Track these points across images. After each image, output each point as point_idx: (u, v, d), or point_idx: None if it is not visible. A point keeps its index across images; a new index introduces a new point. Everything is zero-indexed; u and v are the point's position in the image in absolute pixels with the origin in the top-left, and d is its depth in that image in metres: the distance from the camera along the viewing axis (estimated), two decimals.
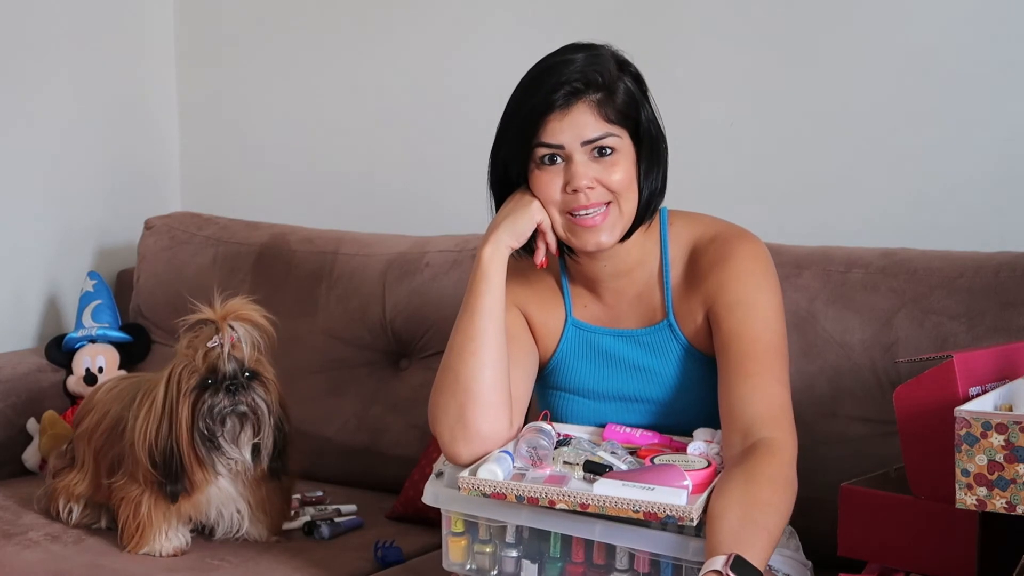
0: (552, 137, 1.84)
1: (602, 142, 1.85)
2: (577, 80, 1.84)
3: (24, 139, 3.13)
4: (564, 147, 1.84)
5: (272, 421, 2.28)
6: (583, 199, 1.84)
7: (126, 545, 2.33)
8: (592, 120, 1.84)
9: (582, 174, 1.84)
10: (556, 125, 1.84)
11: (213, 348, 2.25)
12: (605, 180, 1.85)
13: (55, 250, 3.21)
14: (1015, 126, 2.44)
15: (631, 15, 2.76)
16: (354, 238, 2.90)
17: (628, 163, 1.87)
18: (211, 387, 2.25)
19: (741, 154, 2.70)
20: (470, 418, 1.87)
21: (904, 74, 2.53)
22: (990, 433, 1.63)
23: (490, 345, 1.89)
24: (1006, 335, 2.13)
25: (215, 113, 3.41)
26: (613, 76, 1.86)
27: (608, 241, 1.87)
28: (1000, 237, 2.39)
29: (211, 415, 2.24)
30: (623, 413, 1.98)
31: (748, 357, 1.85)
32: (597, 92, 1.85)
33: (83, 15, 3.23)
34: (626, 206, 1.87)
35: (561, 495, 1.73)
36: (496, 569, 1.84)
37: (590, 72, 1.85)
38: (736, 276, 1.89)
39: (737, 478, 1.72)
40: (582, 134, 1.84)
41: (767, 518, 1.68)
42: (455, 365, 1.90)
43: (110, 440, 2.39)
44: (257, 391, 2.27)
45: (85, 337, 2.94)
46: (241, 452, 2.28)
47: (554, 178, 1.86)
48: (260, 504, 2.35)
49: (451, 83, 3.04)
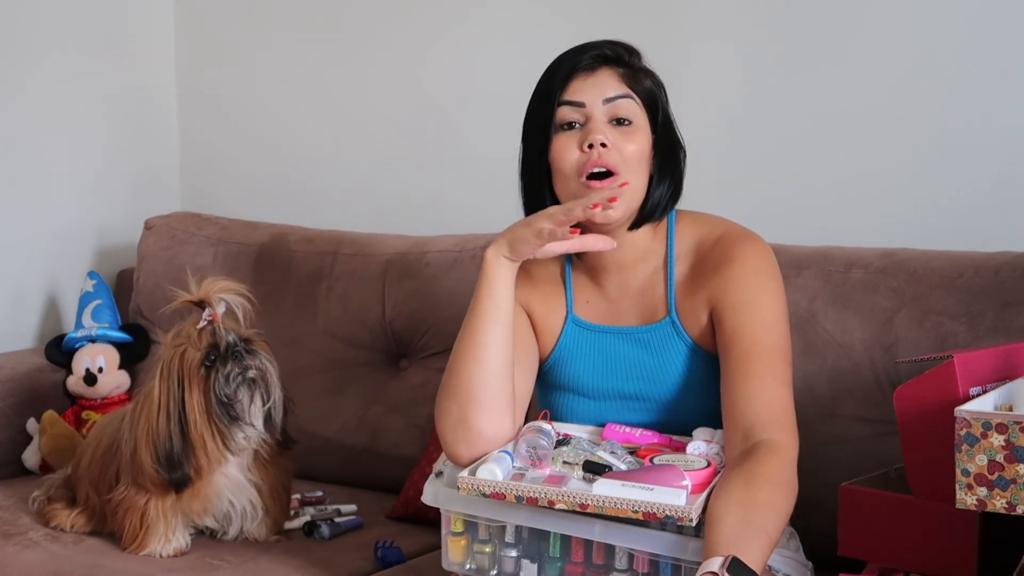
0: (575, 95, 1.89)
1: (623, 104, 1.89)
2: (606, 49, 1.91)
3: (24, 139, 3.13)
4: (585, 105, 1.88)
5: (279, 381, 2.31)
6: (596, 156, 1.86)
7: (127, 547, 2.33)
8: (615, 82, 1.90)
9: (600, 130, 1.87)
10: (579, 84, 1.89)
11: (206, 326, 2.26)
12: (620, 146, 1.87)
13: (55, 250, 3.21)
14: (1015, 127, 2.44)
15: (632, 15, 2.76)
16: (354, 238, 2.90)
17: (644, 139, 1.90)
18: (216, 360, 2.26)
19: (741, 154, 2.70)
20: (472, 420, 1.88)
21: (904, 75, 2.53)
22: (990, 433, 1.63)
23: (493, 349, 1.89)
24: (1006, 335, 2.13)
25: (215, 113, 3.42)
26: (639, 65, 1.94)
27: (616, 215, 1.88)
28: (1000, 237, 2.39)
29: (227, 384, 2.26)
30: (623, 411, 1.98)
31: (751, 358, 1.85)
32: (622, 66, 1.91)
33: (83, 15, 3.23)
34: (636, 182, 1.89)
35: (560, 495, 1.73)
36: (495, 569, 1.84)
37: (620, 50, 1.92)
38: (741, 277, 1.89)
39: (737, 479, 1.72)
40: (604, 92, 1.88)
41: (766, 519, 1.68)
42: (458, 368, 1.91)
43: (105, 463, 2.40)
44: (260, 354, 2.30)
45: (85, 337, 2.94)
46: (255, 423, 2.29)
47: (572, 140, 1.89)
48: (270, 489, 2.36)
49: (452, 83, 3.04)
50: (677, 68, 2.69)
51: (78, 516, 2.44)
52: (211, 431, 2.26)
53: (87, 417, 2.87)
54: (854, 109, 2.58)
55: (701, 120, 2.69)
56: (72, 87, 3.22)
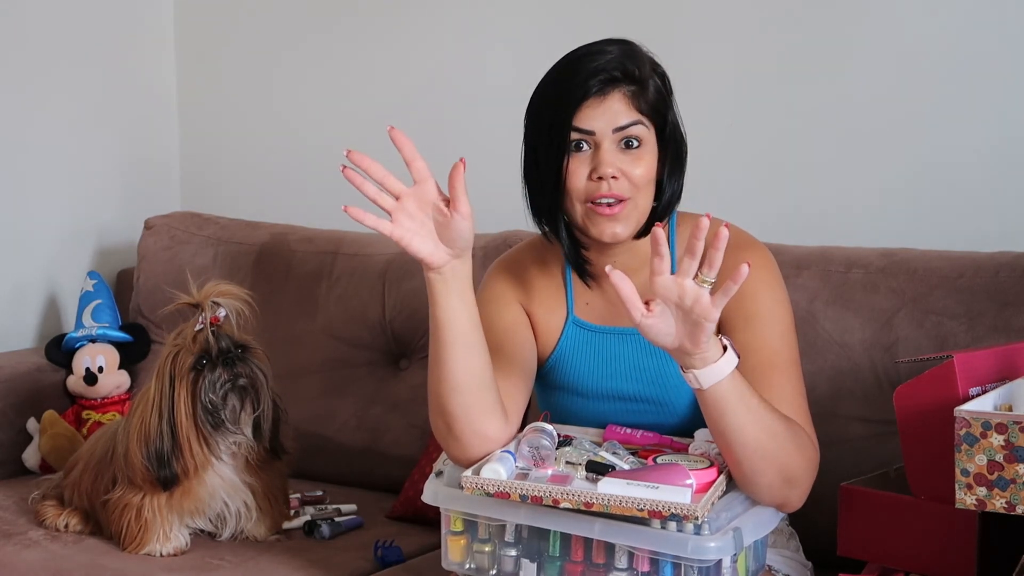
0: (585, 123, 1.87)
1: (632, 130, 1.87)
2: (615, 69, 1.87)
3: (24, 139, 3.13)
4: (595, 133, 1.86)
5: (270, 391, 2.31)
6: (605, 188, 1.85)
7: (126, 547, 2.33)
8: (625, 109, 1.87)
9: (609, 162, 1.85)
10: (590, 112, 1.87)
11: (202, 329, 2.26)
12: (629, 172, 1.86)
13: (55, 250, 3.21)
14: (1015, 126, 2.44)
15: (633, 15, 2.76)
16: (354, 238, 2.90)
17: (652, 159, 1.89)
18: (207, 365, 2.26)
19: (741, 154, 2.70)
20: (458, 432, 1.86)
21: (904, 74, 2.53)
22: (990, 433, 1.63)
23: (457, 366, 1.83)
24: (1006, 335, 2.13)
25: (215, 113, 3.42)
26: (646, 72, 1.90)
27: (623, 233, 1.88)
28: (1000, 237, 2.39)
29: (213, 390, 2.26)
30: (623, 413, 1.98)
31: (772, 368, 1.86)
32: (632, 84, 1.88)
33: (83, 15, 3.23)
34: (642, 202, 1.89)
35: (565, 494, 1.73)
36: (495, 568, 1.84)
37: (627, 63, 1.88)
38: (753, 288, 1.86)
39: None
40: (615, 121, 1.86)
41: (786, 428, 1.74)
42: (431, 389, 1.88)
43: (99, 472, 2.40)
44: (252, 362, 2.30)
45: (85, 337, 2.94)
46: (243, 430, 2.29)
47: (581, 165, 1.88)
48: (265, 491, 2.36)
49: (452, 84, 3.04)
50: (675, 68, 2.68)
51: (71, 514, 2.44)
52: (196, 434, 2.26)
53: (87, 417, 2.87)
54: (854, 109, 2.58)
55: (700, 120, 2.68)
56: (72, 87, 3.22)
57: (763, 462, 1.73)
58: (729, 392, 1.69)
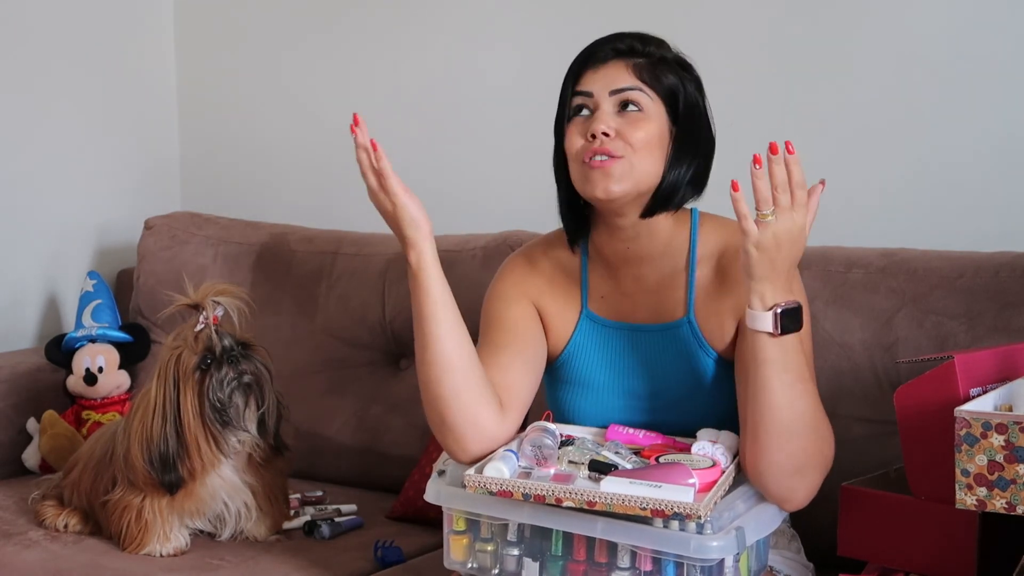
0: (584, 85, 1.91)
1: (630, 94, 1.89)
2: (622, 44, 1.93)
3: (24, 139, 3.13)
4: (593, 95, 1.90)
5: (273, 387, 2.32)
6: (597, 144, 1.87)
7: (126, 547, 2.33)
8: (625, 74, 1.91)
9: (602, 120, 1.88)
10: (591, 75, 1.92)
11: (203, 329, 2.27)
12: (626, 134, 1.88)
13: (55, 250, 3.21)
14: (1015, 126, 2.44)
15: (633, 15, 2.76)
16: (354, 238, 2.91)
17: (655, 128, 1.90)
18: (211, 364, 2.27)
19: (740, 154, 2.70)
20: (451, 421, 1.88)
21: (904, 74, 2.53)
22: (990, 433, 1.63)
23: (445, 339, 1.88)
24: (1006, 335, 2.13)
25: (215, 113, 3.42)
26: (658, 57, 1.94)
27: (616, 190, 1.87)
28: (1000, 237, 2.39)
29: (220, 389, 2.26)
30: (631, 409, 1.98)
31: None
32: (638, 57, 1.92)
33: (83, 15, 3.23)
34: (640, 165, 1.88)
35: (568, 493, 1.73)
36: (497, 567, 1.84)
37: (634, 42, 1.93)
38: None
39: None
40: (612, 83, 1.90)
41: (814, 416, 1.77)
42: (423, 374, 1.92)
43: (98, 473, 2.40)
44: (255, 358, 2.31)
45: (85, 337, 2.94)
46: (248, 427, 2.30)
47: (579, 128, 1.91)
48: (265, 492, 2.36)
49: (452, 84, 3.04)
50: None
51: (71, 514, 2.45)
52: (205, 434, 2.27)
53: (87, 417, 2.87)
54: (854, 109, 2.58)
55: None
56: (72, 87, 3.23)
57: (780, 438, 1.74)
58: (773, 351, 1.73)
